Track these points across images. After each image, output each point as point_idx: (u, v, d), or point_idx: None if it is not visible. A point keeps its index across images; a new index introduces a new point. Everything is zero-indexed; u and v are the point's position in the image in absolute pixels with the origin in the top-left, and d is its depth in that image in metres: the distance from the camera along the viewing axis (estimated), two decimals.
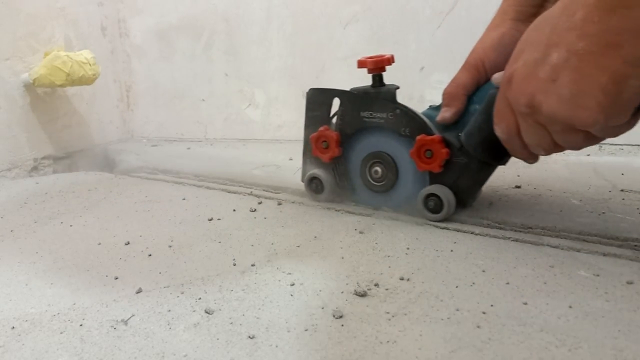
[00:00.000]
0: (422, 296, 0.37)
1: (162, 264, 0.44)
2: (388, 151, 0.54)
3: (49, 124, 0.91)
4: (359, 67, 0.54)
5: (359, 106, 0.55)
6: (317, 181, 0.59)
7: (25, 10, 0.86)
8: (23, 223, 0.57)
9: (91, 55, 0.86)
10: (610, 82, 0.38)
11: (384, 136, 0.54)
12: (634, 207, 0.52)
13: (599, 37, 0.38)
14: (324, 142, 0.57)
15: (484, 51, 0.49)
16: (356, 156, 0.57)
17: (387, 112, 0.53)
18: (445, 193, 0.51)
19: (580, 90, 0.39)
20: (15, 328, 0.35)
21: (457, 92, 0.50)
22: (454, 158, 0.50)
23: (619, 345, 0.30)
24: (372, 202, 0.57)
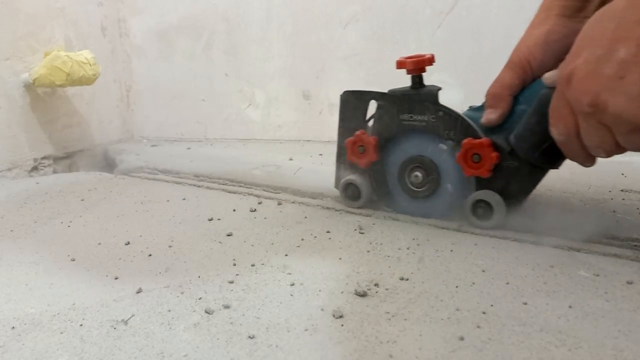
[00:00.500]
0: (422, 296, 0.37)
1: (162, 264, 0.44)
2: (429, 155, 0.52)
3: (49, 124, 0.91)
4: (398, 68, 0.52)
5: (398, 109, 0.53)
6: (353, 187, 0.57)
7: (25, 10, 0.86)
8: (23, 223, 0.57)
9: (91, 55, 0.86)
10: None
11: (424, 139, 0.52)
12: (634, 207, 0.52)
13: None
14: (360, 147, 0.55)
15: (529, 49, 0.46)
16: (395, 161, 0.54)
17: (428, 114, 0.51)
18: (496, 199, 0.48)
19: None
20: (15, 328, 0.35)
21: (502, 92, 0.47)
22: (503, 162, 0.48)
23: (619, 345, 0.30)
24: (411, 209, 0.54)
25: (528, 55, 0.46)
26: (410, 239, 0.47)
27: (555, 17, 0.46)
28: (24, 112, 0.86)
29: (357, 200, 0.57)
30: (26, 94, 0.86)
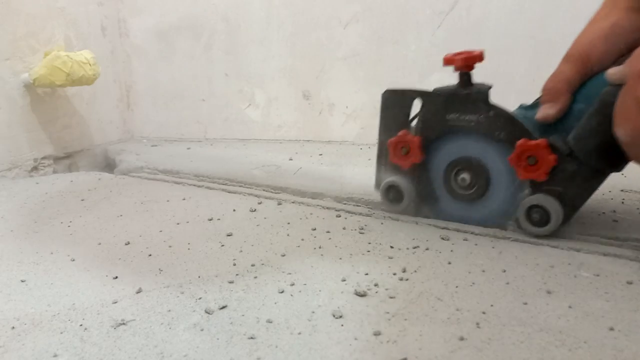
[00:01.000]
0: (422, 296, 0.37)
1: (162, 264, 0.44)
2: (478, 156, 0.49)
3: (49, 124, 0.91)
4: (445, 65, 0.50)
5: (444, 108, 0.50)
6: (395, 190, 0.54)
7: (25, 10, 0.86)
8: (23, 223, 0.57)
9: (91, 55, 0.85)
10: None
11: (473, 140, 0.49)
12: (634, 207, 0.52)
13: None
14: (403, 148, 0.52)
15: (592, 42, 0.43)
16: (440, 162, 0.52)
17: (478, 114, 0.48)
18: (552, 204, 0.45)
19: None
20: (15, 328, 0.35)
21: (561, 86, 0.44)
22: (561, 165, 0.45)
23: (619, 345, 0.30)
24: (457, 213, 0.51)
25: (589, 49, 0.44)
26: (410, 239, 0.47)
27: (622, 10, 0.43)
28: (24, 112, 0.86)
29: (399, 204, 0.54)
30: (26, 94, 0.86)
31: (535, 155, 0.46)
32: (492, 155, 0.49)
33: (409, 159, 0.53)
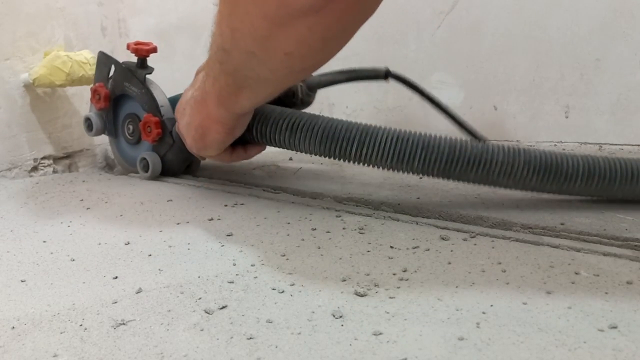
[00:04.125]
0: (423, 296, 0.37)
1: (162, 264, 0.44)
2: (139, 115, 0.73)
3: (49, 124, 0.91)
4: (128, 50, 0.71)
5: (124, 77, 0.74)
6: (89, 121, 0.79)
7: (25, 10, 0.86)
8: (23, 223, 0.57)
9: (91, 55, 0.85)
10: (199, 125, 0.55)
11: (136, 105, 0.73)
12: (634, 207, 0.52)
13: (202, 91, 0.53)
14: (97, 95, 0.77)
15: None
16: (121, 113, 0.77)
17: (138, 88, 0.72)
18: (154, 158, 0.71)
19: (189, 122, 0.57)
20: (15, 328, 0.35)
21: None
22: (165, 137, 0.70)
23: (619, 345, 0.30)
24: (127, 151, 0.77)
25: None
26: (410, 238, 0.47)
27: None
28: (24, 112, 0.86)
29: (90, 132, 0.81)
30: (26, 94, 0.86)
31: (150, 126, 0.70)
32: (142, 115, 0.71)
33: (99, 104, 0.76)
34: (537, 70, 0.81)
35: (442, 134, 0.52)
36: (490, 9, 0.82)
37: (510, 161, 0.50)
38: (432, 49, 0.85)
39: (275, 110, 0.58)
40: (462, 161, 0.50)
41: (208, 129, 0.54)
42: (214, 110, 0.52)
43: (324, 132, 0.54)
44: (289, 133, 0.56)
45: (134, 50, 0.71)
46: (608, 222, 0.48)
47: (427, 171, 0.52)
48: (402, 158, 0.51)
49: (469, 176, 0.51)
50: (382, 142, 0.52)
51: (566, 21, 0.78)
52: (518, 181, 0.51)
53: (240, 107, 0.51)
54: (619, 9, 0.74)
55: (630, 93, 0.75)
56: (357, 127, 0.53)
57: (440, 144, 0.51)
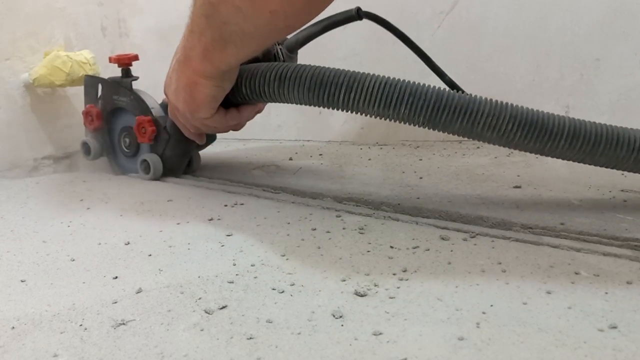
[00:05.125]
0: (422, 296, 0.37)
1: (162, 264, 0.44)
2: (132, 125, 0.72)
3: (49, 124, 0.91)
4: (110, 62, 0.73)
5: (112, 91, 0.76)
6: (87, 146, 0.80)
7: (25, 10, 0.86)
8: (23, 223, 0.57)
9: (91, 55, 0.85)
10: (187, 84, 0.55)
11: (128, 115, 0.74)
12: (634, 207, 0.52)
13: (184, 50, 0.54)
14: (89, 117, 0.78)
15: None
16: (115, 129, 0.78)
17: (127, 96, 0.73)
18: (154, 159, 0.70)
19: (178, 87, 0.57)
20: (15, 328, 0.35)
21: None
22: (160, 134, 0.70)
23: (619, 345, 0.30)
24: (126, 165, 0.77)
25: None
26: (410, 238, 0.47)
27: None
28: (24, 112, 0.86)
29: (89, 156, 0.80)
30: (26, 94, 0.86)
31: (144, 126, 0.69)
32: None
33: (93, 124, 0.77)
34: (537, 70, 0.81)
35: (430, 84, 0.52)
36: (490, 9, 0.82)
37: (496, 114, 0.49)
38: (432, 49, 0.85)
39: (261, 64, 0.58)
40: (449, 110, 0.49)
41: (196, 84, 0.54)
42: (199, 65, 0.52)
43: (311, 80, 0.53)
44: (277, 83, 0.56)
45: (116, 61, 0.74)
46: (608, 222, 0.48)
47: (413, 118, 0.51)
48: (389, 104, 0.51)
49: (454, 127, 0.51)
50: (370, 87, 0.51)
51: (566, 21, 0.78)
52: (502, 136, 0.50)
53: (225, 64, 0.52)
54: (619, 9, 0.74)
55: (630, 93, 0.75)
56: (345, 73, 0.53)
57: (427, 91, 0.50)
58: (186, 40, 0.53)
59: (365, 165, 0.76)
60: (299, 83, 0.54)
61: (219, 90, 0.56)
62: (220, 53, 0.50)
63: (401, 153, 0.83)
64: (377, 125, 0.94)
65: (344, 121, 0.96)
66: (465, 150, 0.83)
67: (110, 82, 0.76)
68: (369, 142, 0.93)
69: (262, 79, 0.56)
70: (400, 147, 0.88)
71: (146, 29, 1.12)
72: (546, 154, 0.52)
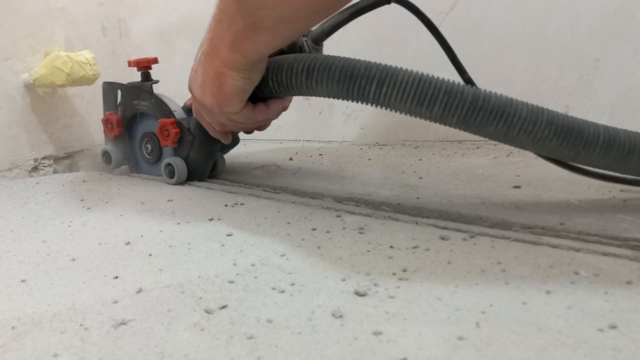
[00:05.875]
0: (422, 296, 0.37)
1: (162, 264, 0.44)
2: (153, 130, 0.72)
3: (49, 124, 0.91)
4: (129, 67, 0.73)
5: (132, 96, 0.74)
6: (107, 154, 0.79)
7: (25, 10, 0.86)
8: (23, 223, 0.57)
9: (91, 56, 0.86)
10: (215, 76, 0.52)
11: (149, 120, 0.74)
12: (633, 207, 0.52)
13: (211, 42, 0.51)
14: (110, 124, 0.77)
15: None
16: (137, 135, 0.76)
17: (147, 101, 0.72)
18: (179, 162, 0.69)
19: (204, 80, 0.54)
20: (15, 328, 0.35)
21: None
22: (184, 136, 0.69)
23: (619, 345, 0.30)
24: (148, 171, 0.76)
25: None
26: (410, 238, 0.47)
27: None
28: (24, 112, 0.86)
29: (109, 164, 0.78)
30: (26, 94, 0.86)
31: (167, 129, 0.69)
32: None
33: (113, 132, 0.76)
34: (537, 70, 0.81)
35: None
36: (490, 9, 0.82)
37: (533, 119, 0.47)
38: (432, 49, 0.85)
39: (289, 56, 0.55)
40: (485, 111, 0.47)
41: (224, 76, 0.51)
42: (227, 55, 0.50)
43: (341, 71, 0.50)
44: (305, 75, 0.53)
45: (135, 64, 0.72)
46: (608, 222, 0.48)
47: (447, 118, 0.48)
48: (423, 101, 0.48)
49: (488, 129, 0.48)
50: (403, 83, 0.48)
51: (566, 21, 0.78)
52: (537, 141, 0.48)
53: (256, 53, 0.49)
54: (619, 9, 0.74)
55: (630, 93, 0.75)
56: (377, 66, 0.50)
57: (464, 90, 0.48)
58: (213, 30, 0.51)
59: (365, 165, 0.77)
60: (328, 75, 0.51)
61: (248, 82, 0.53)
62: (252, 41, 0.47)
63: (401, 153, 0.84)
64: (377, 125, 0.95)
65: (344, 121, 0.96)
66: (465, 150, 0.83)
67: (130, 87, 0.74)
68: (369, 142, 0.93)
69: (290, 70, 0.54)
70: (400, 147, 0.88)
71: (146, 29, 1.12)
72: (579, 162, 0.51)
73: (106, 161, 0.79)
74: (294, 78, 0.54)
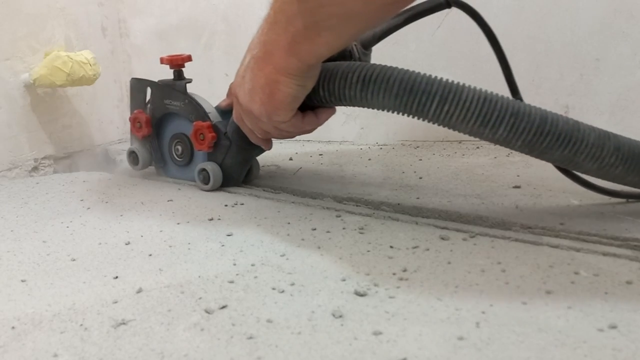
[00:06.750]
0: (422, 296, 0.37)
1: (162, 264, 0.44)
2: (185, 132, 0.68)
3: (49, 124, 0.91)
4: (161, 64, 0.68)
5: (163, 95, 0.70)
6: (134, 155, 0.74)
7: (25, 10, 0.86)
8: (23, 223, 0.57)
9: (91, 56, 0.86)
10: (266, 83, 0.49)
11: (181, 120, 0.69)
12: (634, 207, 0.52)
13: (263, 46, 0.48)
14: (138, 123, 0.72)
15: None
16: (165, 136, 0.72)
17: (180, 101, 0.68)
18: (213, 168, 0.65)
19: (253, 86, 0.50)
20: (15, 328, 0.35)
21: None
22: (220, 141, 0.64)
23: (619, 345, 0.30)
24: (178, 174, 0.72)
25: None
26: (410, 238, 0.47)
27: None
28: (24, 112, 0.86)
29: (136, 165, 0.74)
30: (26, 94, 0.86)
31: (203, 132, 0.64)
32: (190, 132, 0.66)
33: (142, 131, 0.71)
34: (537, 70, 0.81)
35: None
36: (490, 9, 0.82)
37: (600, 145, 0.45)
38: (432, 49, 0.85)
39: (342, 64, 0.52)
40: (552, 136, 0.45)
41: (276, 83, 0.48)
42: (282, 61, 0.46)
43: (400, 85, 0.47)
44: (360, 87, 0.49)
45: (168, 62, 0.68)
46: (608, 222, 0.48)
47: (511, 141, 0.46)
48: (487, 122, 0.45)
49: (553, 154, 0.46)
50: (468, 101, 0.45)
51: (566, 21, 0.78)
52: (602, 168, 0.46)
53: (315, 55, 0.46)
54: (619, 9, 0.74)
55: (630, 93, 0.75)
56: (439, 82, 0.47)
57: (531, 112, 0.45)
58: (265, 34, 0.47)
59: (365, 165, 0.76)
60: (385, 88, 0.48)
61: (301, 89, 0.49)
62: (311, 43, 0.44)
63: (401, 153, 0.83)
64: (377, 125, 0.94)
65: (344, 121, 0.96)
66: (464, 150, 0.83)
67: (161, 85, 0.70)
68: (369, 142, 0.93)
69: (343, 80, 0.50)
70: (400, 147, 0.88)
71: (146, 29, 1.12)
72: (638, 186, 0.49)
73: (133, 162, 0.74)
74: (348, 89, 0.50)
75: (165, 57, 0.68)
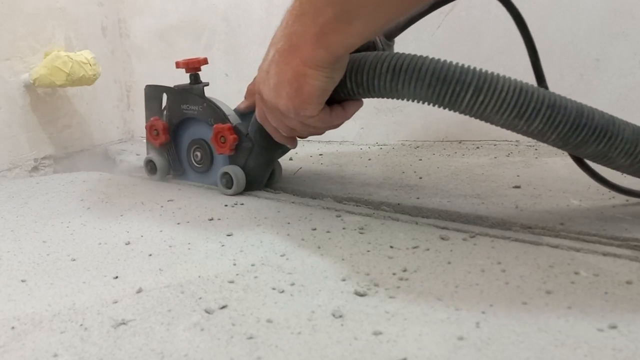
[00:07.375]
0: (422, 296, 0.37)
1: (162, 264, 0.44)
2: (204, 137, 0.67)
3: (49, 124, 0.91)
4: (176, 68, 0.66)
5: (180, 100, 0.68)
6: (152, 163, 0.72)
7: (25, 10, 0.86)
8: (23, 223, 0.57)
9: (91, 56, 0.86)
10: (293, 76, 0.47)
11: (199, 125, 0.68)
12: (634, 207, 0.52)
13: (289, 38, 0.46)
14: (155, 130, 0.71)
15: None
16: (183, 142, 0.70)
17: (198, 105, 0.67)
18: (236, 171, 0.63)
19: (279, 81, 0.48)
20: (15, 328, 0.35)
21: (253, 88, 0.60)
22: (242, 143, 0.63)
23: (619, 345, 0.30)
24: (198, 180, 0.70)
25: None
26: (410, 238, 0.47)
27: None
28: (25, 112, 0.86)
29: (154, 175, 0.72)
30: (26, 94, 0.86)
31: (224, 135, 0.62)
32: (209, 136, 0.64)
33: (159, 139, 0.69)
34: None
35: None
36: (490, 9, 0.82)
37: (634, 140, 0.44)
38: (432, 49, 0.85)
39: (369, 54, 0.50)
40: (588, 129, 0.44)
41: (304, 76, 0.46)
42: (309, 53, 0.45)
43: (433, 75, 0.46)
44: (390, 77, 0.48)
45: (184, 66, 0.66)
46: (608, 221, 0.48)
47: (546, 134, 0.45)
48: (523, 114, 0.44)
49: (587, 149, 0.45)
50: (504, 92, 0.44)
51: (566, 21, 0.78)
52: (634, 164, 0.45)
53: (344, 46, 0.45)
54: (619, 9, 0.74)
55: (630, 93, 0.75)
56: (473, 71, 0.45)
57: (567, 104, 0.44)
58: (291, 26, 0.46)
59: (365, 165, 0.77)
60: (417, 77, 0.46)
61: (330, 82, 0.48)
62: (341, 33, 0.43)
63: (401, 153, 0.84)
64: (377, 125, 0.95)
65: None
66: (464, 150, 0.83)
67: (178, 90, 0.68)
68: (369, 142, 0.93)
69: (372, 71, 0.49)
70: (400, 147, 0.88)
71: (146, 29, 1.12)
72: None
73: (150, 171, 0.73)
74: (377, 79, 0.49)
75: (181, 61, 0.66)
